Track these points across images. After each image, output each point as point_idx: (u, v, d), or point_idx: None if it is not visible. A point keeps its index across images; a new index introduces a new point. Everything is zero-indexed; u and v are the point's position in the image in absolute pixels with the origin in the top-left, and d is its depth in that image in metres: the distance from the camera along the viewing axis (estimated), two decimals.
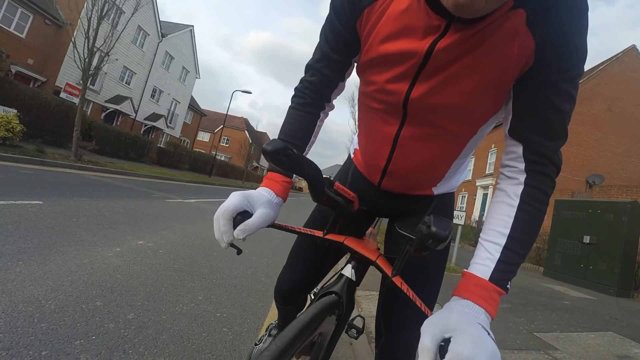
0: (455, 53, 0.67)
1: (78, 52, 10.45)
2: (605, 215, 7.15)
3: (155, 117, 28.34)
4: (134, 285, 2.48)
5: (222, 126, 37.68)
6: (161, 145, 27.21)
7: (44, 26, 18.76)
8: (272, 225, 0.81)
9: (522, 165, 0.70)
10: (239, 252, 0.78)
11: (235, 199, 0.74)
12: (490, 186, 23.34)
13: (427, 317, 0.59)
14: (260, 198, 0.79)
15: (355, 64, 0.90)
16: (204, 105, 47.78)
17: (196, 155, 30.05)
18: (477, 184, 25.19)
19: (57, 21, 19.20)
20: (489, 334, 0.52)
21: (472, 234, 13.18)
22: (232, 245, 0.74)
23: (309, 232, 0.88)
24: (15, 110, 10.56)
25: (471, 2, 0.54)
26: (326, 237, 0.86)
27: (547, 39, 0.61)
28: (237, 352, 1.91)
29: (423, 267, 0.97)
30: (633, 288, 6.91)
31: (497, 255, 0.65)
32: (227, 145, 53.29)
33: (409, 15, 0.69)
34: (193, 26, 32.31)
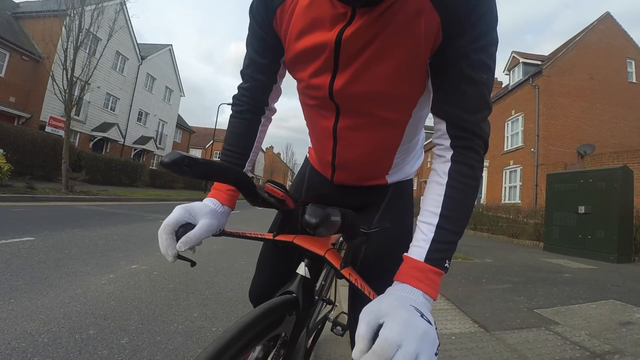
0: (365, 38, 0.68)
1: (57, 84, 10.43)
2: (597, 183, 7.19)
3: (144, 140, 28.29)
4: (127, 310, 2.48)
5: (212, 141, 37.62)
6: (153, 167, 27.13)
7: (21, 63, 18.72)
8: (222, 233, 0.83)
9: (447, 142, 0.69)
10: (193, 264, 0.79)
11: (176, 212, 0.75)
12: (484, 168, 23.44)
13: None
14: (203, 209, 0.79)
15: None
16: (192, 122, 47.78)
17: None
18: None
19: (34, 56, 19.18)
20: (422, 315, 0.52)
21: (471, 217, 13.20)
22: (181, 257, 0.75)
23: (259, 236, 0.88)
24: (2, 150, 10.52)
25: None
26: (276, 238, 0.86)
27: (450, 12, 0.61)
28: None
29: (382, 256, 0.97)
30: (633, 252, 6.95)
31: (431, 235, 0.65)
32: (220, 160, 53.16)
33: (315, 7, 0.71)
34: (172, 45, 32.33)
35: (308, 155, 1.21)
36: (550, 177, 8.46)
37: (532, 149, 17.86)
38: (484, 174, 23.48)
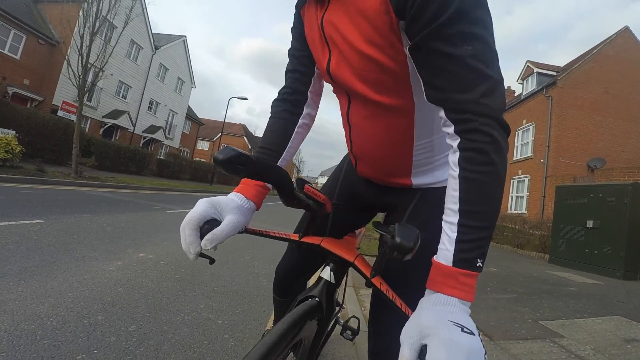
0: (335, 20, 0.73)
1: (72, 69, 10.51)
2: (607, 198, 7.11)
3: (153, 129, 28.44)
4: (135, 298, 2.50)
5: (220, 134, 37.76)
6: (161, 157, 27.29)
7: (37, 46, 18.88)
8: (246, 230, 0.80)
9: (452, 129, 0.64)
10: (212, 261, 0.75)
11: (201, 207, 0.72)
12: None
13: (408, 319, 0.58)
14: (230, 204, 0.76)
15: None
16: (201, 114, 47.94)
17: (197, 164, 30.14)
18: None
19: (51, 40, 19.33)
20: (463, 329, 0.50)
21: None
22: (202, 255, 0.72)
23: (284, 236, 0.86)
24: (14, 132, 10.65)
25: None
26: (302, 240, 0.84)
27: None
28: (238, 358, 1.92)
29: (407, 267, 0.92)
30: (639, 270, 6.87)
31: (454, 235, 0.59)
32: None
33: (310, 4, 0.83)
34: (185, 36, 32.46)
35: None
36: (560, 190, 8.39)
37: (542, 160, 17.72)
38: None
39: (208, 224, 0.70)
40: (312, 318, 0.74)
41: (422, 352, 0.49)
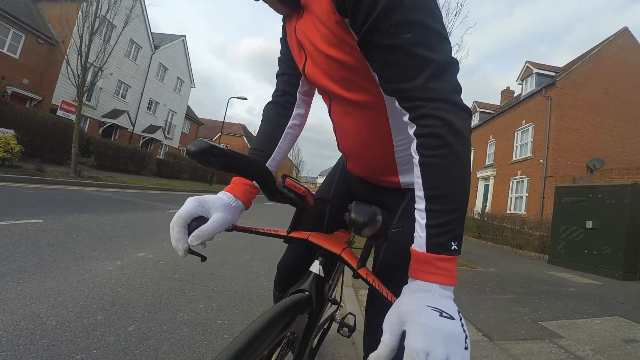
0: (303, 26, 0.79)
1: (71, 69, 10.50)
2: (606, 199, 7.13)
3: (152, 129, 28.43)
4: (134, 298, 2.49)
5: (220, 134, 37.74)
6: (160, 157, 27.26)
7: (37, 45, 18.87)
8: (235, 228, 0.82)
9: (407, 117, 0.64)
10: (203, 259, 0.77)
11: (189, 205, 0.74)
12: (491, 177, 23.33)
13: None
14: (217, 202, 0.78)
15: None
16: (201, 114, 48.01)
17: (196, 164, 29.87)
18: (477, 175, 25.20)
19: (50, 39, 19.31)
20: (441, 313, 0.51)
21: (475, 226, 13.14)
22: (192, 252, 0.73)
23: (273, 232, 0.87)
24: (13, 131, 10.63)
25: None
26: (290, 235, 0.85)
27: None
28: None
29: (399, 263, 0.94)
30: (639, 271, 6.88)
31: (424, 221, 0.59)
32: None
33: (289, 16, 0.88)
34: (185, 36, 32.44)
35: None
36: (559, 190, 8.40)
37: (541, 160, 17.73)
38: (490, 183, 23.35)
39: (196, 221, 0.72)
40: (303, 312, 0.74)
41: (403, 338, 0.50)
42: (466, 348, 0.48)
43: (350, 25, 0.66)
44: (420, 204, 0.61)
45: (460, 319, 0.52)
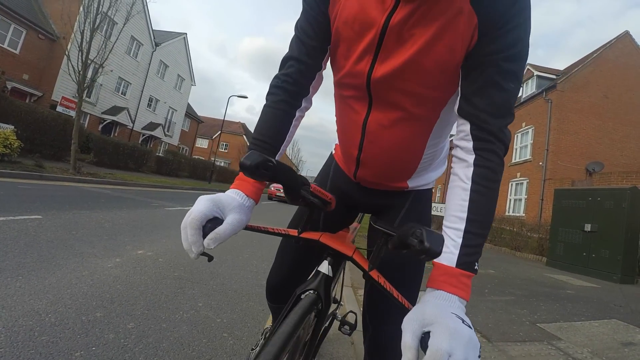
0: (410, 28, 0.71)
1: (72, 65, 10.47)
2: (605, 202, 7.14)
3: (152, 126, 28.40)
4: (133, 295, 2.49)
5: (220, 132, 37.72)
6: (160, 154, 27.20)
7: (37, 41, 18.81)
8: (246, 227, 0.79)
9: (470, 145, 0.71)
10: (210, 259, 0.74)
11: (203, 205, 0.69)
12: None
13: (406, 307, 0.65)
14: (231, 202, 0.74)
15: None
16: (201, 112, 48.00)
17: (195, 162, 30.11)
18: None
19: (51, 35, 19.26)
20: (463, 321, 0.55)
21: None
22: (203, 253, 0.71)
23: (284, 232, 0.86)
24: (13, 126, 10.59)
25: None
26: (301, 235, 0.85)
27: (489, 18, 0.65)
28: (238, 356, 1.91)
29: (403, 264, 1.00)
30: (637, 274, 6.89)
31: (459, 240, 0.66)
32: (226, 151, 53.31)
33: None
34: (186, 33, 32.40)
35: (334, 152, 1.23)
36: (558, 193, 8.41)
37: (541, 163, 17.75)
38: None
39: (210, 223, 0.69)
40: (311, 311, 0.75)
41: (423, 339, 0.54)
42: (479, 356, 0.52)
43: (475, 47, 0.69)
44: (457, 224, 0.68)
45: (474, 331, 0.55)
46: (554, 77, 19.63)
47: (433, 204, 6.67)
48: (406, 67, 0.74)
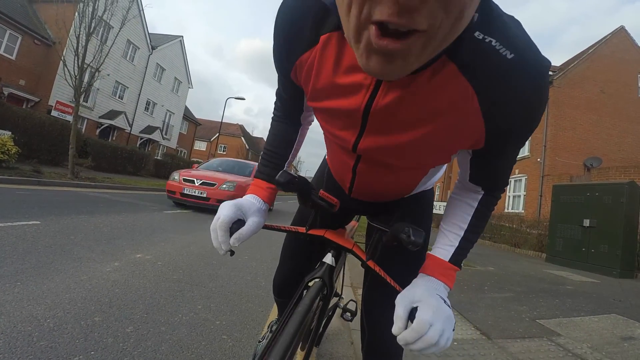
0: (398, 114, 0.65)
1: (68, 70, 10.46)
2: (604, 197, 7.15)
3: (150, 129, 28.35)
4: (132, 299, 2.49)
5: (218, 134, 37.71)
6: (158, 157, 27.17)
7: (33, 46, 18.79)
8: (263, 226, 0.92)
9: (477, 188, 0.84)
10: (232, 254, 0.86)
11: (229, 210, 0.82)
12: None
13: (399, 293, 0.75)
14: (251, 207, 0.88)
15: None
16: (199, 115, 47.85)
17: (194, 164, 30.07)
18: None
19: (46, 40, 19.23)
20: (445, 301, 0.71)
21: None
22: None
23: (294, 230, 1.00)
24: (10, 132, 10.59)
25: (381, 72, 0.49)
26: (308, 232, 0.97)
27: (498, 124, 0.62)
28: (237, 358, 1.91)
29: (403, 259, 1.06)
30: (636, 269, 6.91)
31: (456, 243, 0.83)
32: (224, 153, 53.27)
33: (339, 70, 0.67)
34: (182, 36, 32.33)
35: (327, 157, 1.23)
36: (557, 189, 8.43)
37: (539, 159, 17.76)
38: None
39: (235, 224, 0.81)
40: (318, 296, 0.88)
41: (412, 313, 0.67)
42: (453, 330, 0.67)
43: (485, 147, 0.70)
44: (457, 231, 0.83)
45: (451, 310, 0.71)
46: (550, 73, 19.58)
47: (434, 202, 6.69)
48: (391, 147, 0.72)
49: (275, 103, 1.01)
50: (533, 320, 3.17)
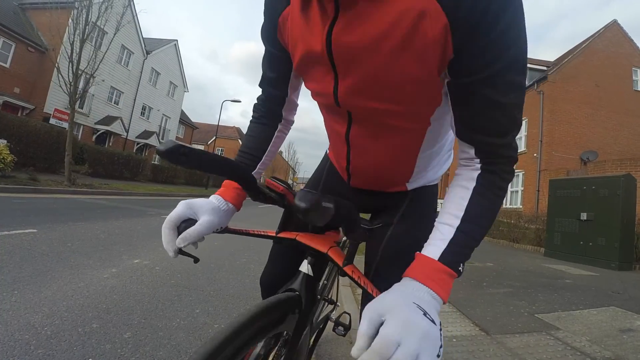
0: (356, 39, 0.61)
1: (62, 76, 10.44)
2: (600, 190, 7.16)
3: (147, 134, 28.33)
4: (130, 304, 2.48)
5: (215, 137, 37.70)
6: (155, 162, 27.13)
7: (27, 54, 18.76)
8: (227, 230, 0.84)
9: (477, 162, 0.66)
10: (196, 260, 0.80)
11: (179, 208, 0.77)
12: None
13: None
14: (205, 205, 0.80)
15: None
16: (195, 119, 47.80)
17: (192, 169, 30.03)
18: None
19: (40, 47, 19.20)
20: (425, 314, 0.50)
21: None
22: (184, 253, 0.77)
23: (262, 233, 0.89)
24: (5, 141, 10.55)
25: None
26: (279, 235, 0.87)
27: (463, 16, 0.52)
28: None
29: (398, 261, 0.90)
30: (634, 260, 6.93)
31: (449, 236, 0.62)
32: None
33: (306, 8, 0.67)
34: (177, 40, 32.37)
35: (328, 151, 1.20)
36: (553, 183, 8.44)
37: (535, 154, 17.82)
38: None
39: (185, 224, 0.75)
40: (293, 311, 0.76)
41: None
42: (439, 356, 0.48)
43: (456, 64, 0.58)
44: (451, 220, 0.64)
45: (440, 330, 0.51)
46: (544, 68, 19.73)
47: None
48: (366, 84, 0.67)
49: (254, 105, 1.01)
50: (532, 314, 3.18)
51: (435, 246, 0.62)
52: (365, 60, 0.63)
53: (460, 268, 0.62)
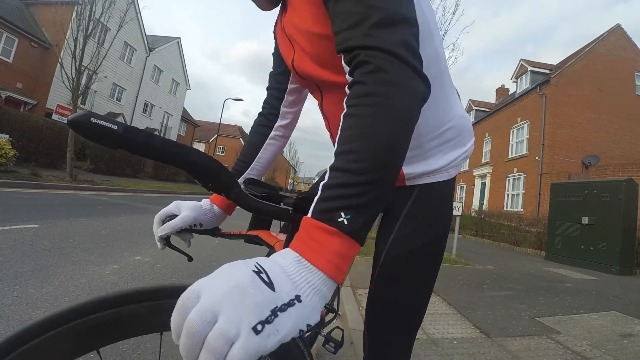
0: (291, 17, 0.75)
1: (66, 72, 10.44)
2: (602, 195, 7.16)
3: (148, 131, 28.32)
4: None
5: (216, 135, 37.73)
6: None
7: (30, 49, 18.77)
8: (220, 235, 0.92)
9: (349, 79, 0.53)
10: (189, 259, 0.89)
11: (169, 205, 0.87)
12: (487, 175, 23.40)
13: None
14: (188, 204, 0.89)
15: None
16: (197, 116, 47.92)
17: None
18: (474, 173, 25.27)
19: (43, 43, 19.22)
20: (259, 273, 0.38)
21: (472, 223, 13.18)
22: (177, 250, 0.89)
23: (238, 233, 0.92)
24: (7, 136, 10.56)
25: None
26: (248, 232, 0.91)
27: None
28: None
29: (402, 266, 0.84)
30: (635, 265, 6.92)
31: (323, 181, 0.47)
32: (223, 154, 53.20)
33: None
34: (180, 38, 32.35)
35: None
36: (555, 187, 8.44)
37: (537, 157, 17.82)
38: (487, 180, 23.41)
39: (169, 218, 0.85)
40: None
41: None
42: (258, 332, 0.33)
43: None
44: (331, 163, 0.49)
45: (294, 301, 0.37)
46: (547, 72, 19.75)
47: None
48: (303, 45, 0.76)
49: (259, 113, 1.11)
50: (532, 318, 3.18)
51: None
52: (296, 26, 0.74)
53: (340, 219, 0.42)
